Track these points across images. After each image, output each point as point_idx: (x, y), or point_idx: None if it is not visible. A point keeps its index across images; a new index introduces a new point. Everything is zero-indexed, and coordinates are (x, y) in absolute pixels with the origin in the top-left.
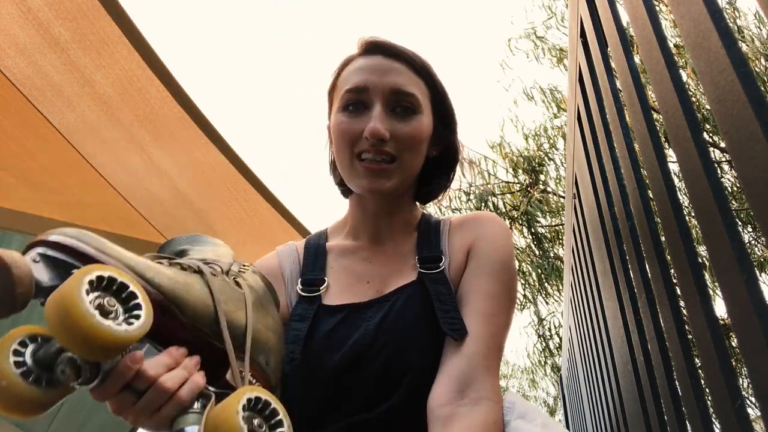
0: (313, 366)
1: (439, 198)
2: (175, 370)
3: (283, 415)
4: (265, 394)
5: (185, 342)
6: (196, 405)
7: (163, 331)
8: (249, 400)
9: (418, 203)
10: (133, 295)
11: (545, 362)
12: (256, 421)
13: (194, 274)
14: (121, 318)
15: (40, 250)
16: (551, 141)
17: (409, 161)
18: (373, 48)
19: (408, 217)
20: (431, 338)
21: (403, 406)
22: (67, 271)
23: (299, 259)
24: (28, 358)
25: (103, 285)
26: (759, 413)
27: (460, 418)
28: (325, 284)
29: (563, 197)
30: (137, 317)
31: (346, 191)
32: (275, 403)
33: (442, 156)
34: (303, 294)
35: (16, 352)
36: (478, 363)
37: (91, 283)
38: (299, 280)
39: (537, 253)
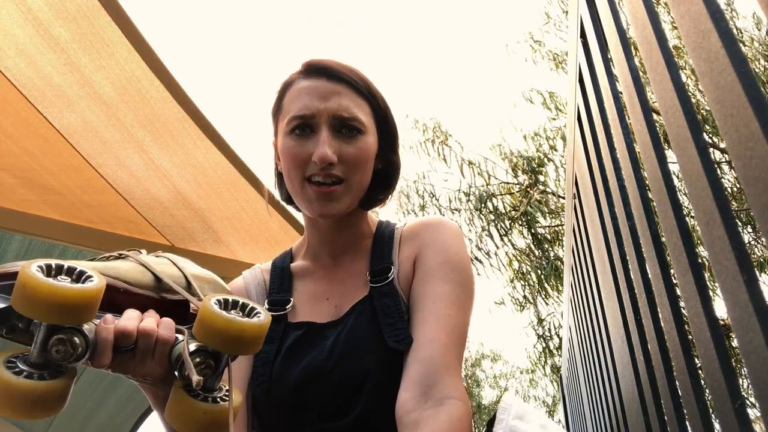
0: (277, 382)
1: (384, 204)
2: (144, 319)
3: (254, 304)
4: (230, 296)
5: (138, 307)
6: (179, 338)
7: (120, 303)
8: (218, 302)
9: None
10: (83, 272)
11: (545, 362)
12: (233, 312)
13: (118, 259)
14: (77, 283)
15: None
16: (550, 142)
17: (357, 181)
18: (316, 70)
19: (361, 228)
20: (383, 349)
21: (364, 415)
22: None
23: (265, 282)
24: (22, 366)
25: (53, 269)
26: (759, 413)
27: (427, 422)
28: (291, 303)
29: (563, 198)
30: (91, 280)
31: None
32: (243, 300)
33: (383, 170)
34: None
35: (9, 366)
36: (437, 364)
37: (40, 268)
38: (266, 300)
39: (537, 253)
